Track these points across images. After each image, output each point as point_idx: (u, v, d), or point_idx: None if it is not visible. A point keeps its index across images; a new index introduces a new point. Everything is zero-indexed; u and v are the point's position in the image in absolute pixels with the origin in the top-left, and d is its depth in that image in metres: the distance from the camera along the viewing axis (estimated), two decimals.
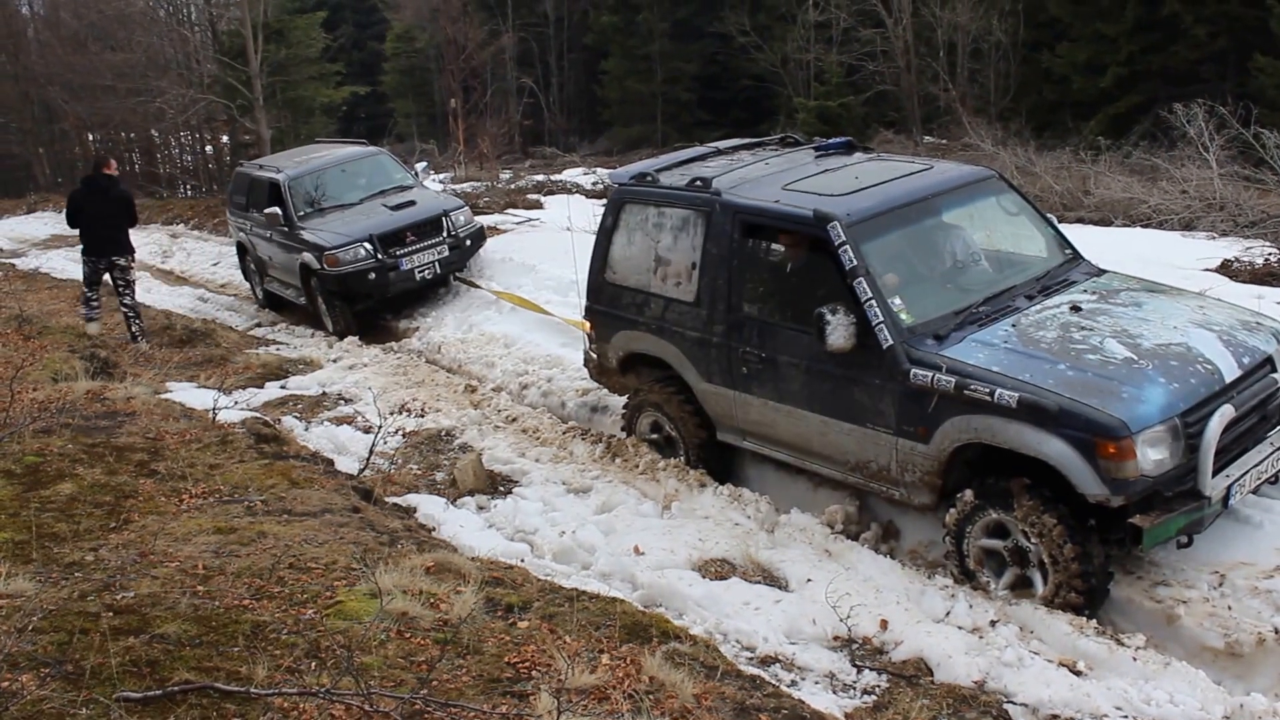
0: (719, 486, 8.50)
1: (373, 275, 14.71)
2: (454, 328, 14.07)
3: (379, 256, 14.72)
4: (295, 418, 11.21)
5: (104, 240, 14.04)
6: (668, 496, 8.49)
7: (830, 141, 9.35)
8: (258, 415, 9.98)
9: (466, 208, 16.09)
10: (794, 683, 6.00)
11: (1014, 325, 7.09)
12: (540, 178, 27.28)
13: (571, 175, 28.45)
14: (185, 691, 4.24)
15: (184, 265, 22.55)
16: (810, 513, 8.02)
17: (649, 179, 8.98)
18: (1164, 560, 6.67)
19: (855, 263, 7.26)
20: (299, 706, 4.22)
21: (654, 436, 9.28)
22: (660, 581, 7.10)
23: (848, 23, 35.70)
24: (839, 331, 7.08)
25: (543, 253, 15.42)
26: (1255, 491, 6.77)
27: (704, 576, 7.24)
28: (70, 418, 8.20)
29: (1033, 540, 6.58)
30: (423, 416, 11.10)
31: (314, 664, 4.59)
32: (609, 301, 9.29)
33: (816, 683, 6.06)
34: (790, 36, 38.56)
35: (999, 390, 6.52)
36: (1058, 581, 6.48)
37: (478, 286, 15.21)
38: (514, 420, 10.66)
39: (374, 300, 15.16)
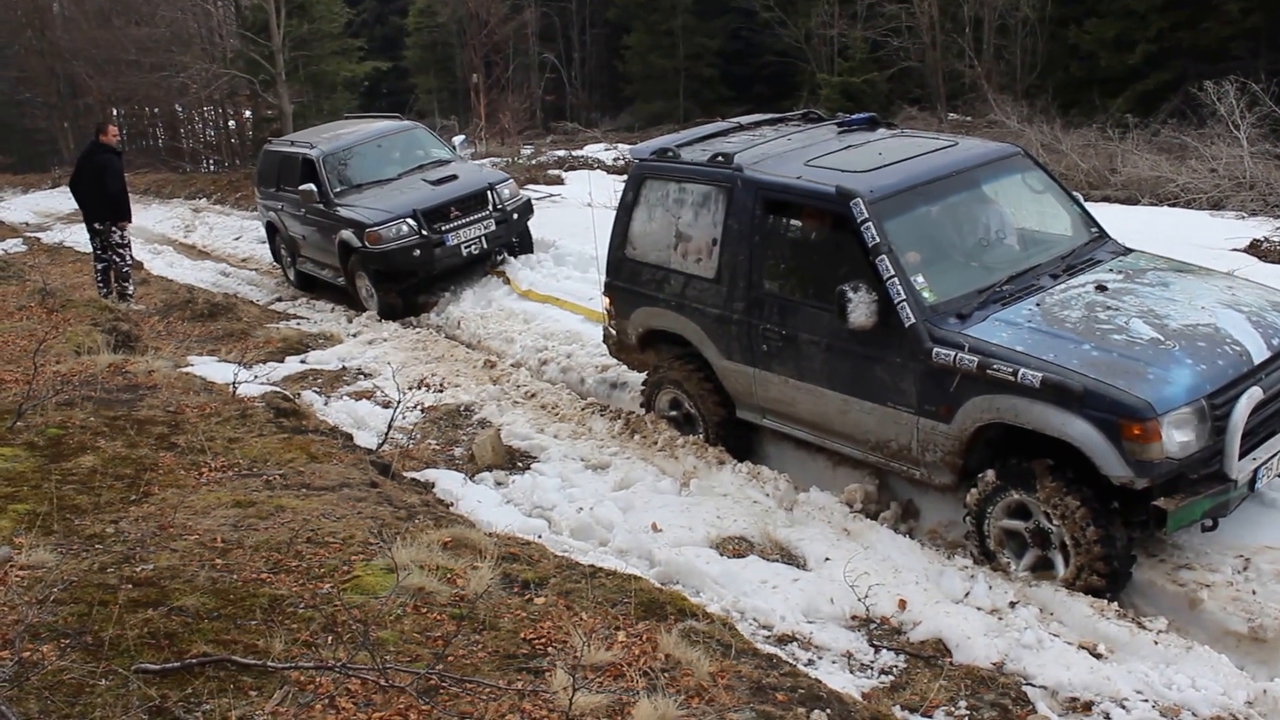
0: (737, 464, 8.49)
1: (417, 252, 14.31)
2: (473, 303, 14.07)
3: (423, 232, 14.32)
4: (315, 392, 11.24)
5: (90, 205, 14.62)
6: (686, 474, 8.48)
7: (853, 117, 9.26)
8: (277, 389, 10.02)
9: (511, 180, 15.65)
10: (811, 662, 5.99)
11: (1038, 304, 7.01)
12: (561, 153, 27.27)
13: (593, 151, 28.40)
14: (203, 664, 4.26)
15: (206, 240, 22.61)
16: (829, 491, 7.99)
17: (670, 154, 8.92)
18: (1187, 543, 6.63)
19: (877, 240, 7.20)
20: (315, 680, 4.24)
21: (673, 414, 9.25)
22: (678, 559, 7.09)
23: None
24: (860, 309, 7.01)
25: (563, 229, 15.41)
26: None
27: (722, 554, 7.23)
28: (92, 391, 8.23)
29: (1055, 522, 6.53)
30: (441, 391, 11.12)
31: (330, 638, 4.60)
32: (629, 278, 9.25)
33: (834, 662, 6.04)
34: (814, 12, 38.23)
35: (1022, 370, 6.46)
36: (1079, 564, 6.43)
37: (508, 279, 14.82)
38: (533, 396, 10.66)
39: (418, 278, 14.81)
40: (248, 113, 38.54)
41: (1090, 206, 8.82)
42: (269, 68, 28.92)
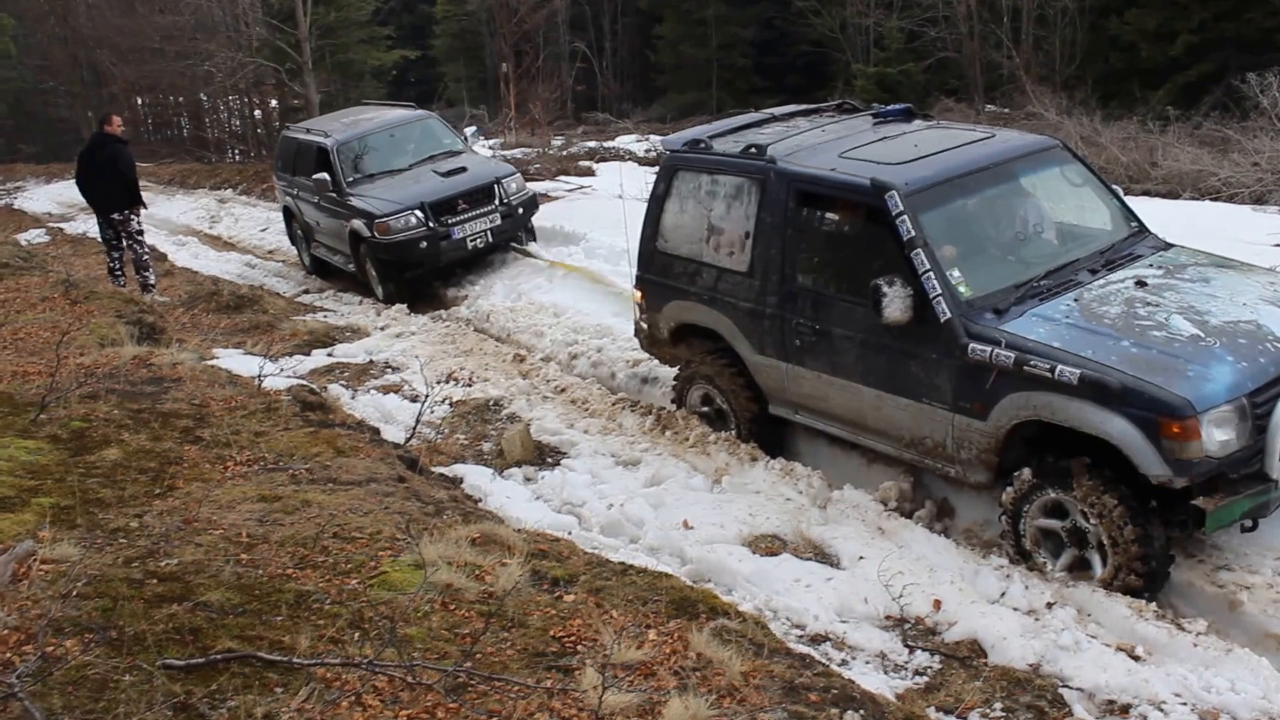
0: (770, 461, 8.49)
1: (424, 244, 14.67)
2: (503, 296, 14.10)
3: (430, 225, 14.68)
4: (342, 386, 11.29)
5: (101, 197, 14.61)
6: (718, 470, 8.49)
7: (889, 108, 9.27)
8: (304, 383, 10.05)
9: (518, 174, 16.02)
10: (844, 662, 6.00)
11: (1076, 300, 7.01)
12: (592, 144, 27.28)
13: (624, 142, 28.41)
14: (228, 660, 4.27)
15: (231, 231, 22.71)
16: (864, 489, 7.99)
17: (702, 145, 8.92)
18: (1227, 544, 6.60)
19: (913, 233, 7.20)
20: (341, 677, 4.25)
21: (705, 409, 9.29)
22: (709, 556, 7.10)
23: None
24: (896, 304, 7.02)
25: (594, 221, 15.41)
26: None
27: (754, 552, 7.25)
28: (116, 383, 8.27)
29: (1092, 521, 6.52)
30: (470, 386, 11.15)
31: (357, 635, 4.61)
32: (660, 271, 9.26)
33: (867, 662, 6.05)
34: (849, 0, 38.17)
35: (1060, 367, 6.45)
36: (1117, 564, 6.43)
37: (531, 255, 15.22)
38: (563, 391, 10.68)
39: (425, 269, 15.11)
40: (274, 102, 38.83)
41: (1130, 200, 8.79)
42: (295, 56, 29.06)
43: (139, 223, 14.92)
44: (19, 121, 45.12)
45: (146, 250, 15.20)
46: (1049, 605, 6.37)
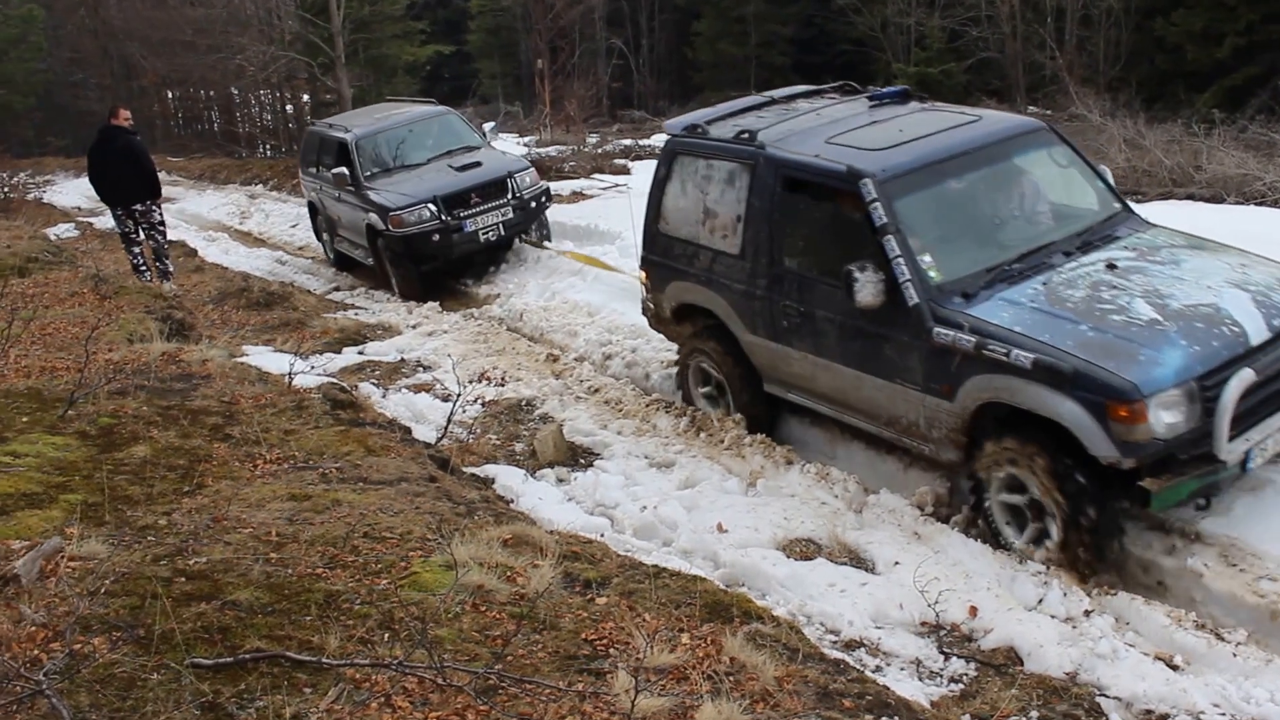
0: (806, 464, 8.49)
1: (436, 237, 15.12)
2: (537, 295, 14.12)
3: (443, 218, 15.13)
4: (373, 384, 11.34)
5: (117, 189, 14.61)
6: (753, 473, 8.49)
7: (885, 90, 9.52)
8: (334, 381, 10.10)
9: (532, 169, 16.40)
10: (879, 668, 5.99)
11: (1045, 284, 7.26)
12: (628, 142, 27.25)
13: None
14: (256, 660, 4.30)
15: (262, 227, 22.87)
16: (900, 493, 7.97)
17: (699, 130, 9.27)
18: (1267, 553, 6.53)
19: (885, 220, 7.51)
20: (371, 678, 4.27)
21: (706, 388, 9.67)
22: (743, 560, 7.10)
23: None
24: (867, 289, 7.34)
25: (627, 219, 15.38)
26: None
27: (788, 556, 7.26)
28: (145, 379, 8.33)
29: (1046, 497, 6.79)
30: (503, 385, 11.18)
31: (387, 635, 4.62)
32: (662, 252, 9.67)
33: (902, 669, 6.05)
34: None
35: (1015, 351, 6.76)
36: (1069, 538, 6.70)
37: (542, 247, 15.66)
38: (596, 391, 10.70)
39: (439, 262, 15.53)
40: (306, 96, 38.93)
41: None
42: (328, 50, 29.16)
43: (160, 213, 15.02)
44: (49, 114, 45.49)
45: (167, 241, 15.37)
46: (1087, 613, 6.35)
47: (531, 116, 35.00)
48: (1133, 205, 8.43)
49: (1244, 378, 6.42)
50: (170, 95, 49.28)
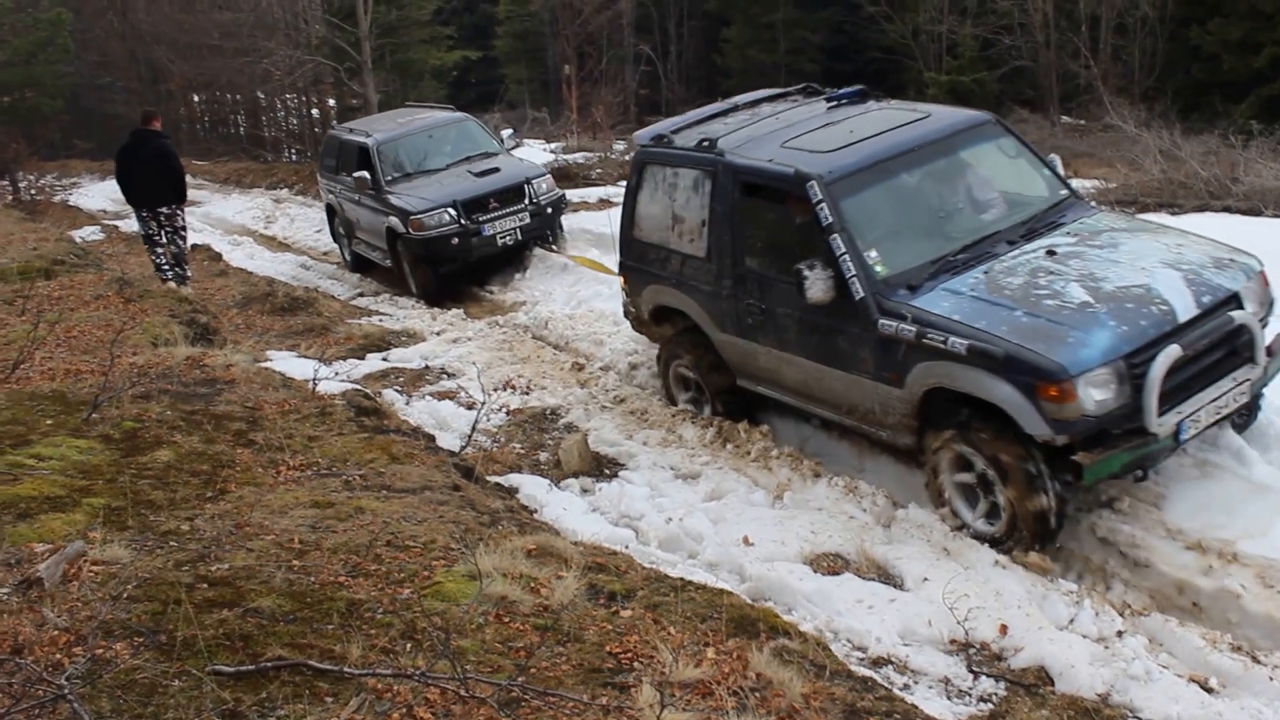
0: (833, 477, 8.46)
1: (455, 240, 15.56)
2: (562, 303, 14.12)
3: (462, 222, 15.60)
4: (396, 391, 11.36)
5: (145, 191, 14.91)
6: (780, 486, 8.47)
7: (842, 91, 9.94)
8: (358, 387, 10.14)
9: (549, 175, 16.92)
10: (907, 686, 5.95)
11: (986, 272, 7.65)
12: None
13: None
14: (278, 668, 4.30)
15: (287, 231, 22.96)
16: (929, 508, 7.92)
17: (665, 140, 9.82)
18: None
19: (831, 219, 7.96)
20: (393, 688, 4.27)
21: (684, 384, 10.16)
22: (770, 574, 7.07)
23: None
24: (817, 285, 7.80)
25: None
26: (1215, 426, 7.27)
27: (815, 571, 7.22)
28: (169, 384, 8.38)
29: (993, 474, 7.21)
30: (527, 394, 11.18)
31: (409, 645, 4.63)
32: (637, 258, 10.21)
33: (930, 687, 6.01)
34: (922, 7, 37.96)
35: (951, 338, 7.18)
36: (1013, 514, 7.12)
37: (554, 251, 16.07)
38: (622, 401, 10.67)
39: (457, 264, 15.92)
40: (332, 101, 39.09)
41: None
42: (354, 55, 29.28)
43: (184, 218, 15.34)
44: (75, 117, 45.72)
45: (189, 246, 15.80)
46: (1119, 633, 6.29)
47: (558, 122, 35.01)
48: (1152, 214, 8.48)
49: (1170, 354, 6.76)
50: (196, 99, 49.55)
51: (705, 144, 9.18)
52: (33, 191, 28.61)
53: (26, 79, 29.95)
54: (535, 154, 24.14)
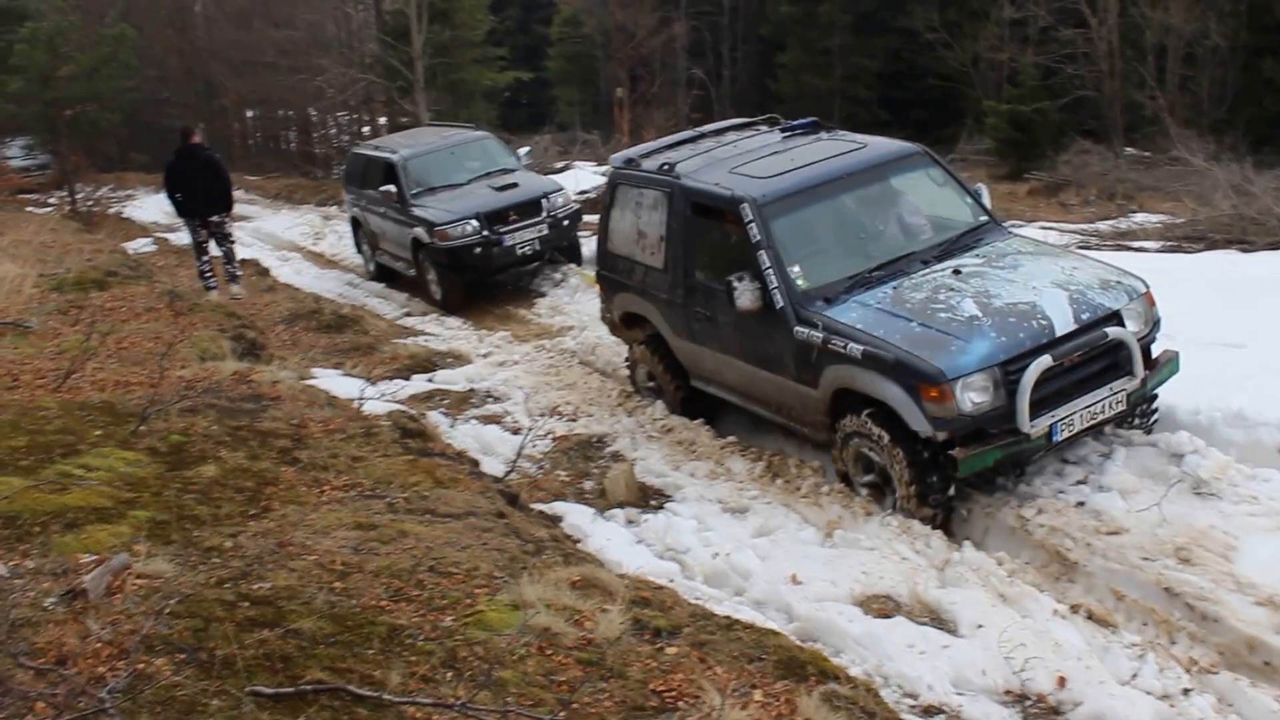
0: (886, 515, 8.36)
1: (478, 250, 16.74)
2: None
3: (484, 233, 16.73)
4: (441, 413, 11.37)
5: (197, 202, 16.08)
6: (830, 523, 8.39)
7: (796, 123, 10.91)
8: (403, 408, 10.15)
9: (565, 190, 18.39)
10: None
11: (895, 288, 8.56)
12: None
13: None
14: (317, 691, 4.28)
15: (335, 248, 23.09)
16: (985, 550, 7.82)
17: (634, 163, 10.92)
18: None
19: (759, 237, 8.95)
20: (432, 717, 4.23)
21: (650, 384, 11.25)
22: (819, 614, 6.98)
23: (1046, 21, 34.94)
24: (745, 295, 8.79)
25: None
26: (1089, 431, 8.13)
27: (866, 613, 7.08)
28: (216, 398, 8.41)
29: (885, 463, 8.24)
30: (574, 421, 11.17)
31: (450, 674, 4.60)
32: (610, 268, 11.32)
33: None
34: (982, 34, 37.80)
35: (850, 344, 8.16)
36: (904, 495, 8.15)
37: (563, 262, 17.28)
38: (669, 431, 10.63)
39: (479, 272, 17.09)
40: (383, 119, 39.37)
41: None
42: (407, 74, 29.52)
43: (230, 225, 16.53)
44: (133, 131, 46.24)
45: (236, 250, 16.99)
46: (1185, 691, 6.13)
47: (609, 145, 35.11)
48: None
49: (1041, 363, 7.63)
50: (249, 114, 50.01)
51: (665, 167, 10.28)
52: (89, 203, 28.88)
53: (89, 93, 30.33)
54: (585, 176, 24.25)
